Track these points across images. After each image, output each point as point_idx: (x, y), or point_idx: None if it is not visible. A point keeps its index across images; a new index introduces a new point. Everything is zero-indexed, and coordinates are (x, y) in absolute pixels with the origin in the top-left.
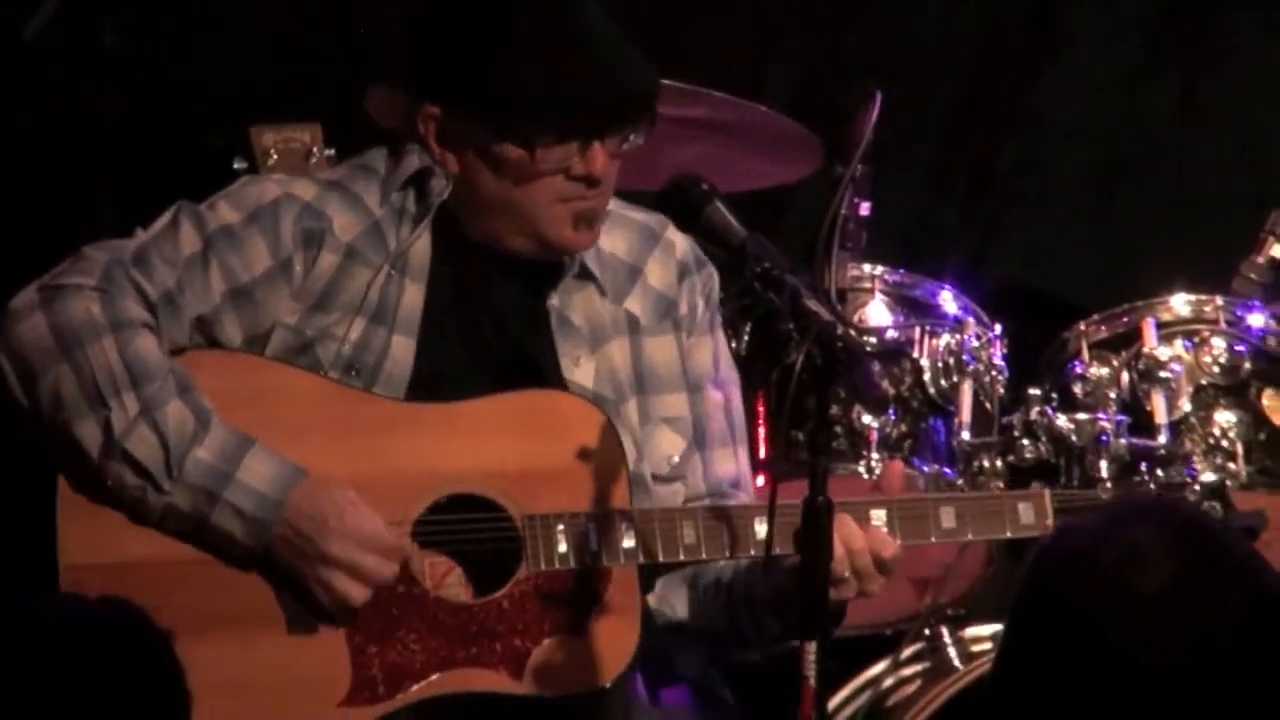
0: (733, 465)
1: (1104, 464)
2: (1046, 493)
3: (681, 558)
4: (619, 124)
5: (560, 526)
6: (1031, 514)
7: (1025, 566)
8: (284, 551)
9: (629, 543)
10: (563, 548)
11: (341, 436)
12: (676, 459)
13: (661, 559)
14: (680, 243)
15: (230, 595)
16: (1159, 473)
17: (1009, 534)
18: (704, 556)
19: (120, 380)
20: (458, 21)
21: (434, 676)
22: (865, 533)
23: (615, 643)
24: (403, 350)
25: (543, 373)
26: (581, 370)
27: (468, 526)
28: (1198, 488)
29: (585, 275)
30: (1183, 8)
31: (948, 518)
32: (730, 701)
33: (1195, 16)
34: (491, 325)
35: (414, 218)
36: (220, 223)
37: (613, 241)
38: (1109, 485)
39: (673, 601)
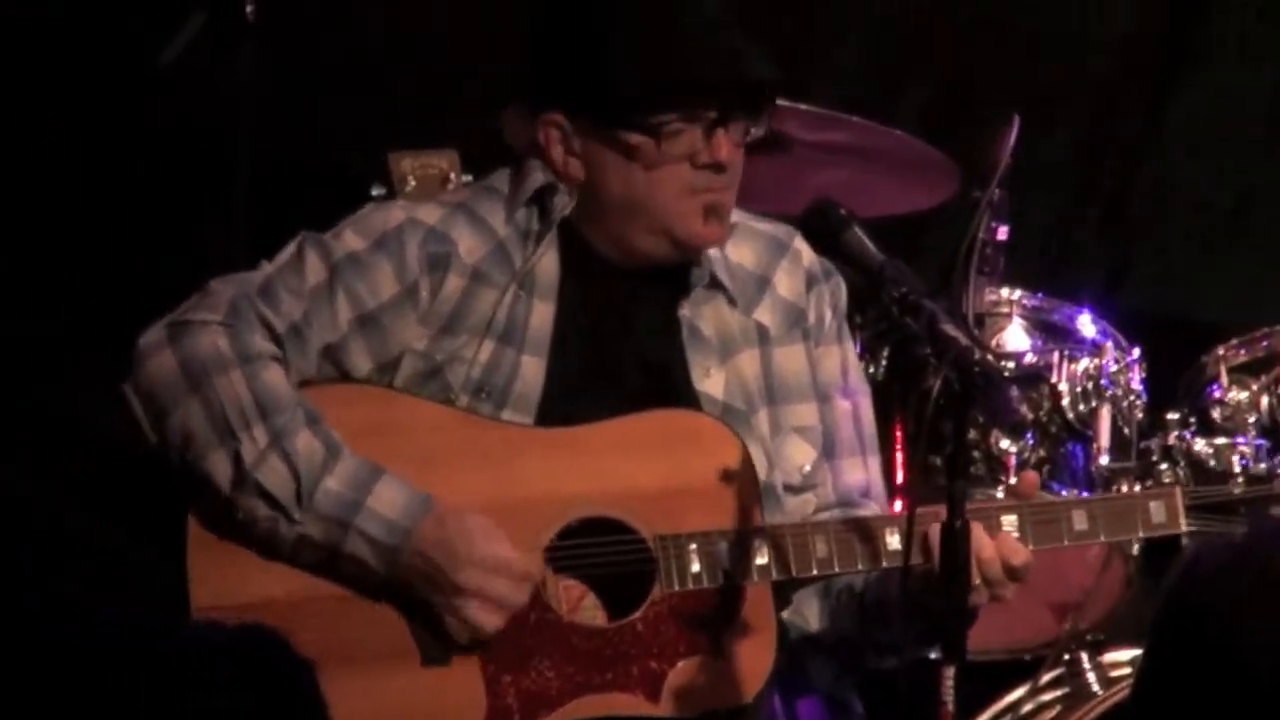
0: (862, 474)
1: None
2: (1178, 490)
3: (815, 572)
4: (741, 109)
5: (693, 546)
6: (1163, 513)
7: (1163, 589)
8: (416, 580)
9: (762, 559)
10: (696, 567)
11: (470, 465)
12: (808, 468)
13: (795, 574)
14: (807, 252)
15: (364, 628)
16: None
17: (1142, 533)
18: (836, 570)
19: (249, 413)
20: (568, 23)
21: (570, 703)
22: (995, 540)
23: (752, 660)
24: (532, 370)
25: (674, 384)
26: (712, 381)
27: (600, 549)
28: None
29: (715, 285)
30: None
31: (1080, 520)
32: (860, 712)
33: None
34: (621, 339)
35: (538, 235)
36: (346, 250)
37: (740, 252)
38: (1240, 481)
39: (805, 612)
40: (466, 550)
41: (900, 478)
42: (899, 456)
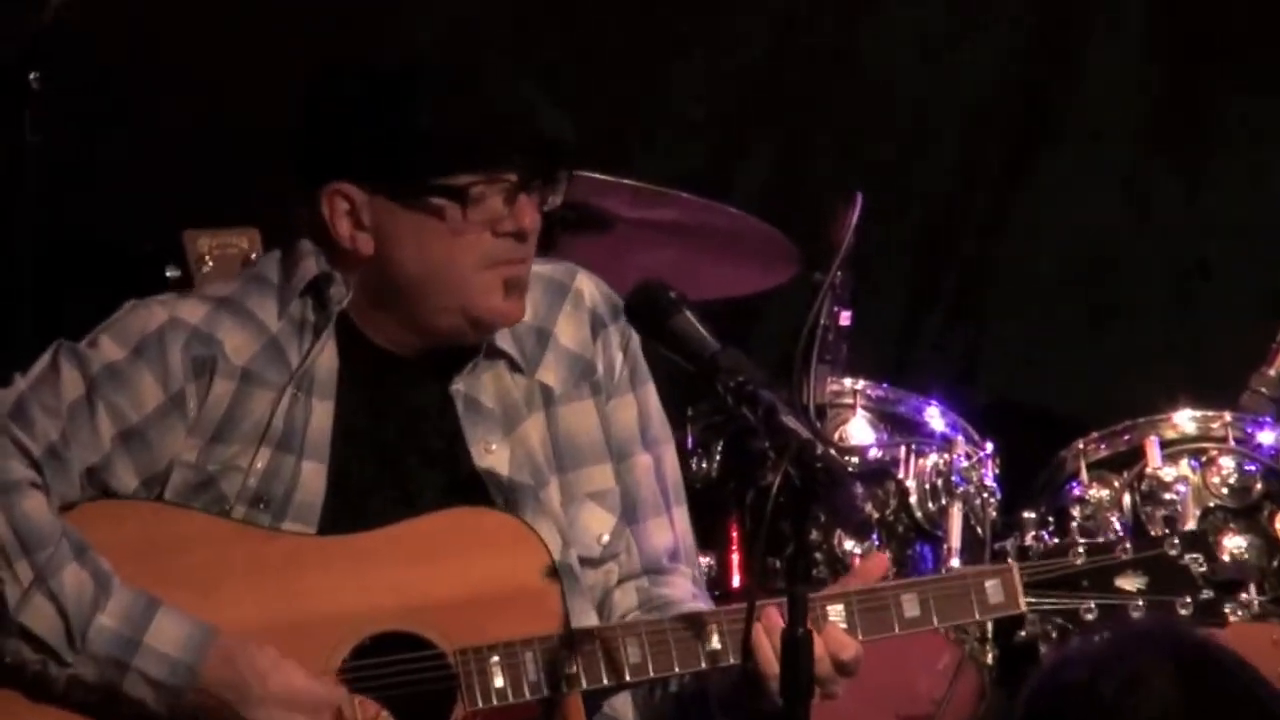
0: (668, 534)
1: None
2: (1015, 566)
3: (628, 679)
4: (541, 172)
5: (495, 658)
6: (1000, 592)
7: (1021, 699)
8: (203, 718)
9: (571, 669)
10: (500, 682)
11: (251, 582)
12: (606, 538)
13: (606, 682)
14: (591, 291)
15: None
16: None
17: (979, 615)
18: (651, 675)
19: (9, 549)
20: (355, 87)
21: None
22: (822, 635)
23: None
24: (313, 476)
25: (456, 467)
26: (495, 456)
27: (397, 668)
28: (1177, 540)
29: (493, 354)
30: (1181, 100)
31: (910, 605)
32: None
33: (1194, 109)
34: (400, 431)
35: (315, 328)
36: (104, 361)
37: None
38: (1081, 552)
39: (618, 707)
40: (259, 687)
41: (736, 581)
42: (734, 558)
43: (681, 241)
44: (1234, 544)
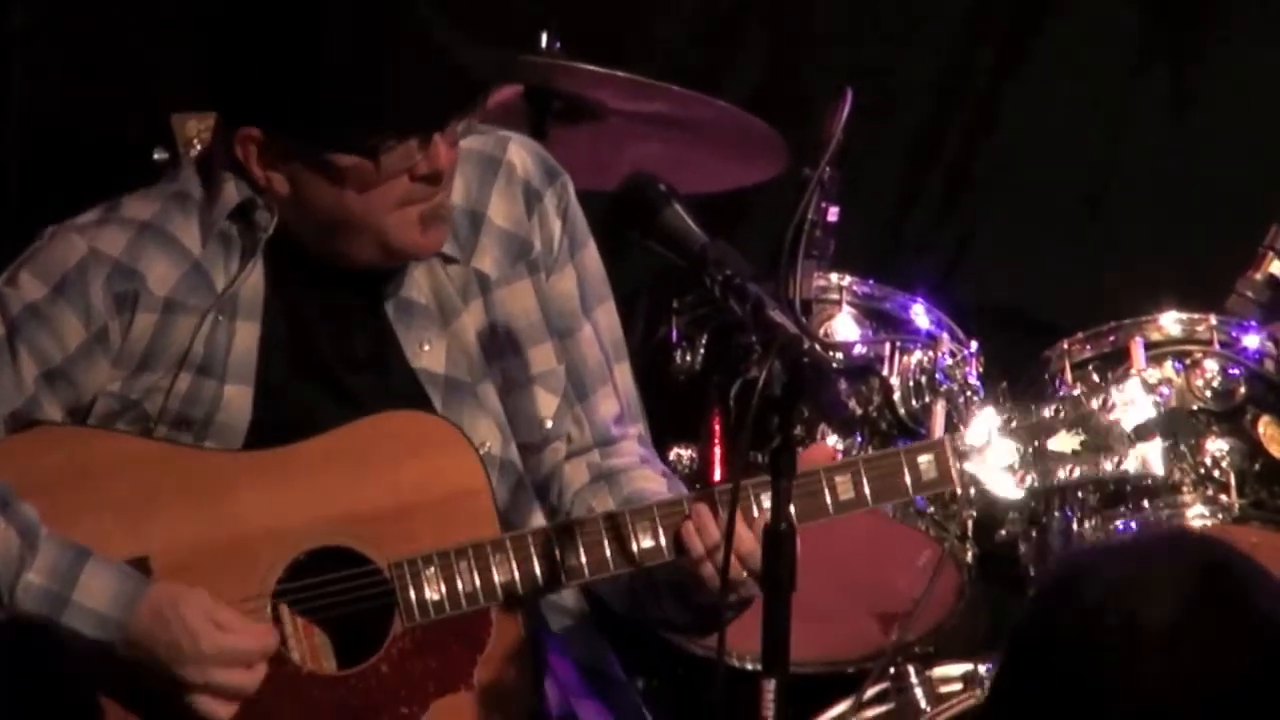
0: (613, 401)
1: (1092, 495)
2: (947, 440)
3: (564, 582)
4: (457, 113)
5: (429, 570)
6: (934, 468)
7: (1033, 598)
8: (137, 672)
9: (506, 575)
10: (434, 594)
11: (183, 503)
12: (550, 422)
13: (544, 587)
14: (523, 160)
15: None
16: (1145, 504)
17: (914, 493)
18: (588, 578)
19: None
20: (262, 35)
21: None
22: (754, 529)
23: (511, 688)
24: (237, 399)
25: (390, 370)
26: (430, 354)
27: (332, 586)
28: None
29: None
30: (1171, 12)
31: (844, 488)
32: (622, 678)
33: (1188, 11)
34: (331, 343)
35: (243, 251)
36: (24, 301)
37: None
38: (1011, 416)
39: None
40: (190, 646)
41: (718, 475)
42: (716, 452)
43: (671, 134)
44: (1216, 447)
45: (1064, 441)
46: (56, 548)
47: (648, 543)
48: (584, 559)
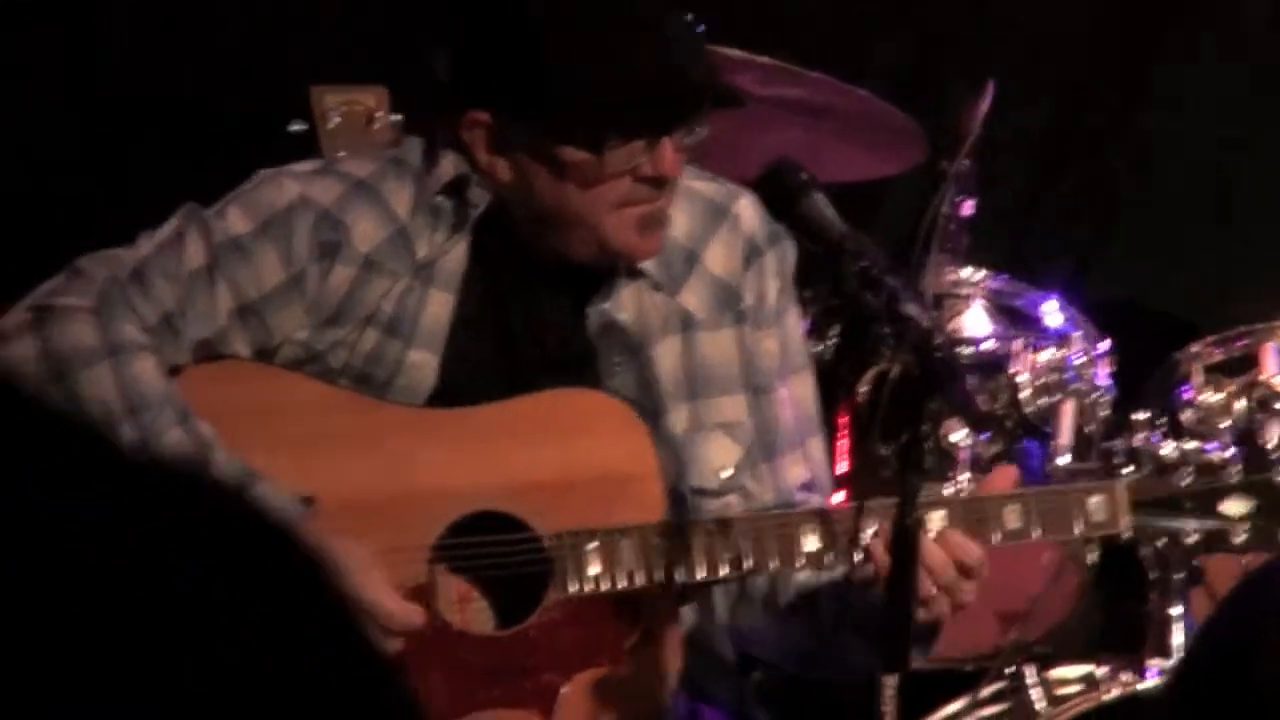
0: (802, 468)
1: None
2: (1120, 483)
3: (724, 573)
4: (688, 118)
5: (592, 545)
6: (1104, 510)
7: (1226, 606)
8: None
9: (667, 560)
10: (595, 568)
11: (353, 451)
12: (728, 472)
13: (703, 576)
14: (750, 217)
15: None
16: None
17: (1080, 531)
18: (748, 571)
19: (116, 409)
20: (506, 20)
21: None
22: (941, 540)
23: (656, 672)
24: (423, 366)
25: (580, 378)
26: (620, 375)
27: (492, 549)
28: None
29: (634, 272)
30: None
31: (1012, 518)
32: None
33: None
34: (529, 338)
35: (451, 225)
36: (229, 234)
37: (673, 219)
38: (1189, 473)
39: (746, 623)
40: (336, 585)
41: (843, 467)
42: (841, 444)
43: (809, 122)
44: None
45: (1237, 506)
46: (229, 464)
47: (812, 545)
48: (747, 551)
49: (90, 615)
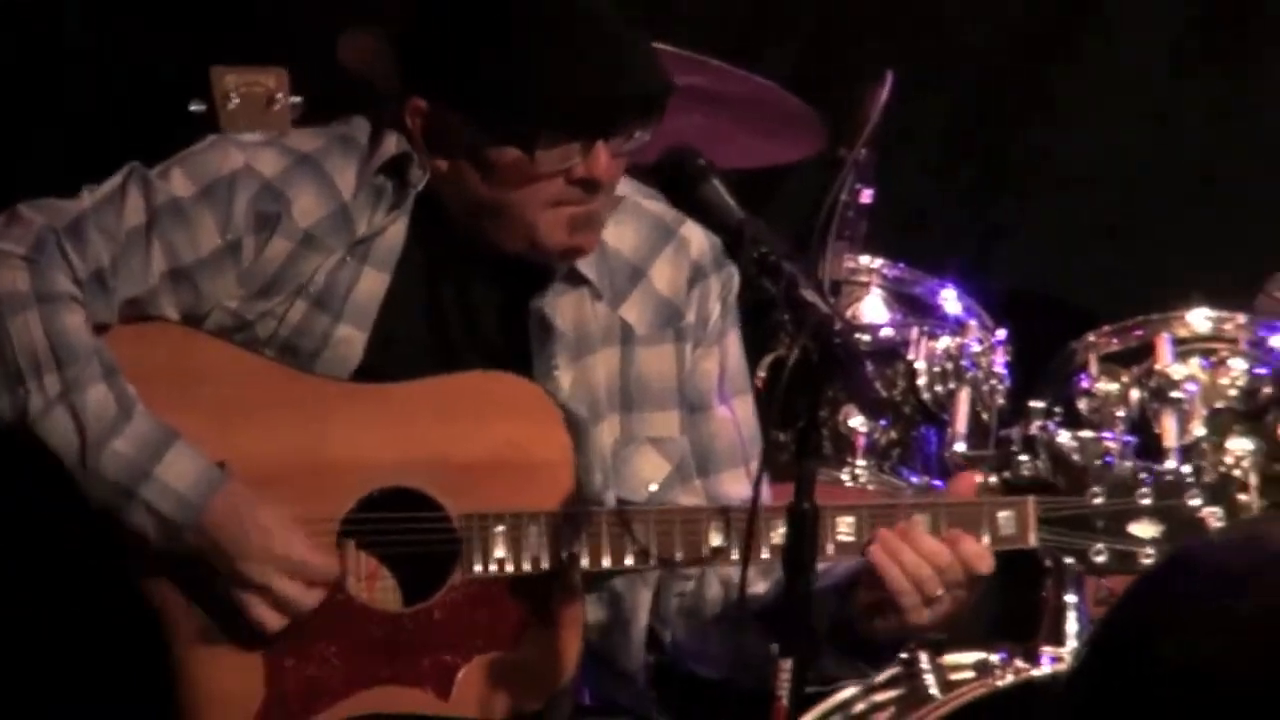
0: (744, 486)
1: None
2: (1030, 500)
3: (630, 563)
4: (626, 123)
5: (500, 528)
6: (1013, 524)
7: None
8: (198, 561)
9: (574, 547)
10: (501, 551)
11: (272, 420)
12: (655, 486)
13: (608, 565)
14: (698, 241)
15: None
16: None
17: (988, 543)
18: (653, 563)
19: (43, 358)
20: (449, 12)
21: (353, 696)
22: (946, 541)
23: (553, 660)
24: (350, 342)
25: (513, 372)
26: (557, 382)
27: (401, 526)
28: (1199, 491)
29: (576, 278)
30: (1221, 3)
31: (921, 525)
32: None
33: (1237, 12)
34: (462, 325)
35: (390, 204)
36: (170, 195)
37: (620, 235)
38: (1099, 492)
39: (629, 604)
40: (260, 543)
41: None
42: None
43: (709, 109)
44: (1238, 446)
45: (1146, 529)
46: (149, 422)
47: (718, 540)
48: (653, 543)
49: None
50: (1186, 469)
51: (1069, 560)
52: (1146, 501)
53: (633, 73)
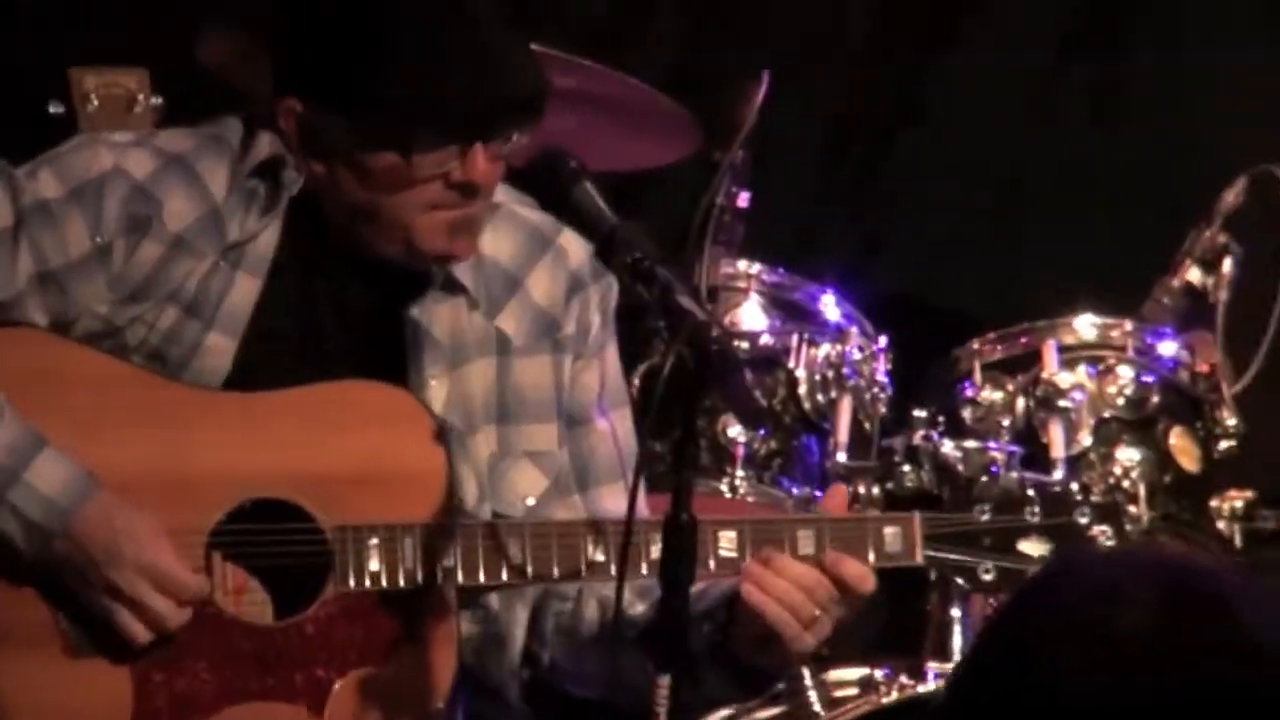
0: (623, 500)
1: None
2: (916, 516)
3: (505, 578)
4: (504, 126)
5: (373, 540)
6: (900, 541)
7: (1000, 605)
8: (67, 569)
9: (449, 561)
10: (375, 565)
11: (138, 428)
12: (533, 500)
13: (483, 580)
14: (576, 250)
15: (4, 609)
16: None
17: (873, 560)
18: (530, 578)
19: None
20: (323, 10)
21: (224, 710)
22: (827, 562)
23: (428, 676)
24: (220, 350)
25: (388, 382)
26: (432, 391)
27: (271, 538)
28: (1088, 510)
29: (452, 286)
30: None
31: (805, 542)
32: None
33: (1112, 6)
34: (336, 333)
35: (263, 207)
36: (37, 197)
37: (497, 243)
38: (986, 509)
39: (506, 621)
40: (131, 552)
41: None
42: None
43: (581, 110)
44: (1126, 456)
45: (1035, 546)
46: (18, 428)
47: (598, 556)
48: (529, 558)
49: None
50: (1074, 485)
51: (957, 579)
52: (1035, 519)
53: (509, 74)
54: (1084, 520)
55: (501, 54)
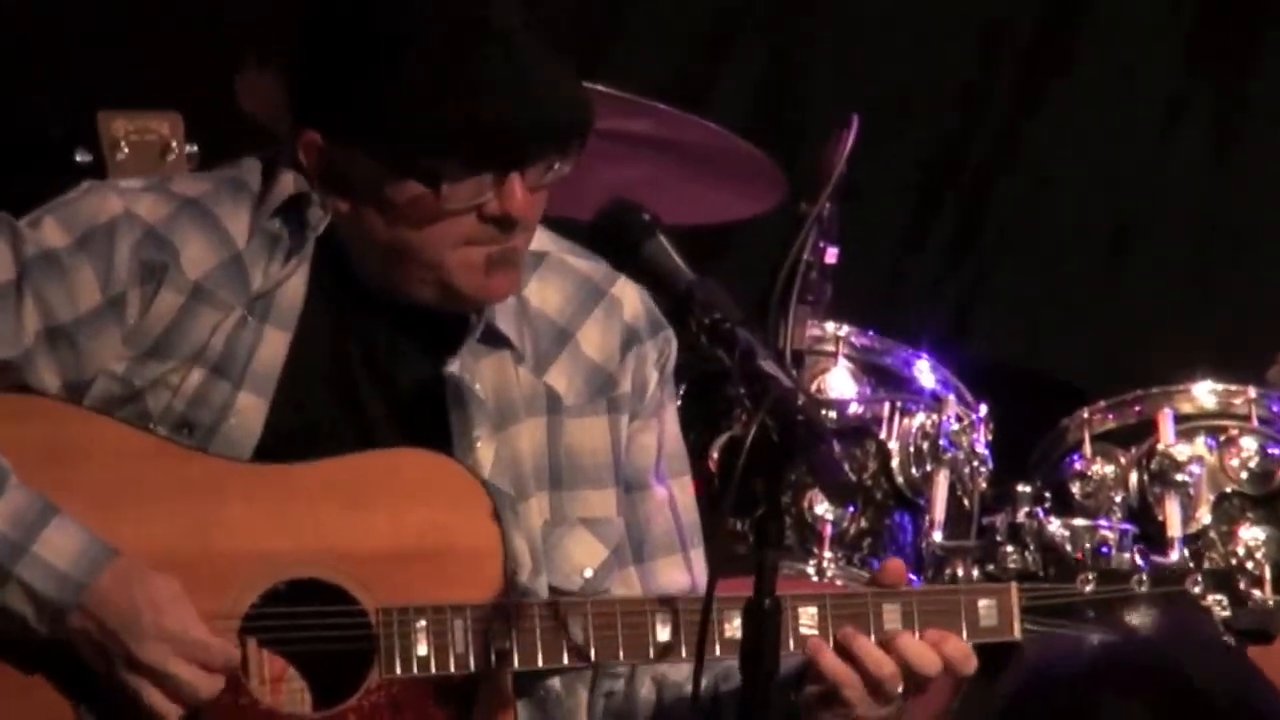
0: (683, 574)
1: None
2: (1013, 587)
3: (566, 662)
4: (541, 152)
5: (421, 622)
6: (995, 615)
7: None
8: (85, 647)
9: (503, 644)
10: (423, 649)
11: (162, 504)
12: (590, 572)
13: (542, 664)
14: (631, 301)
15: (14, 699)
16: None
17: (967, 637)
18: (593, 660)
19: None
20: (343, 32)
21: None
22: (896, 641)
23: None
24: (251, 411)
25: (427, 445)
26: (479, 455)
27: (310, 621)
28: (1200, 577)
29: (495, 339)
30: (1216, 46)
31: (891, 616)
32: None
33: (1231, 48)
34: (373, 391)
35: (287, 252)
36: (42, 247)
37: (544, 294)
38: (1090, 578)
39: (569, 707)
40: (153, 620)
41: None
42: None
43: (655, 158)
44: (1250, 535)
45: (1144, 618)
46: (26, 496)
47: (665, 636)
48: (592, 641)
49: None
50: (1186, 553)
51: None
52: (1142, 588)
53: (545, 97)
54: (1196, 590)
55: (538, 73)
